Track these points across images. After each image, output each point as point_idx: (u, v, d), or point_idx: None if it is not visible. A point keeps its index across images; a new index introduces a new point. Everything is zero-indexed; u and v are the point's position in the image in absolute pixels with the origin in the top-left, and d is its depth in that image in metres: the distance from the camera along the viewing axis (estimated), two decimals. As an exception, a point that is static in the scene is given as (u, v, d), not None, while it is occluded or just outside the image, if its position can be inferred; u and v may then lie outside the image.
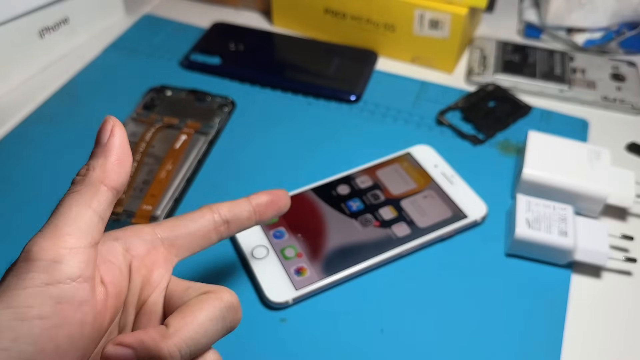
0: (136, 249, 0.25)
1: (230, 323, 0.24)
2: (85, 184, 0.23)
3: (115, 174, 0.23)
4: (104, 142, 0.24)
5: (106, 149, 0.24)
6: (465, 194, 0.41)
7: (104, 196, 0.23)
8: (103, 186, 0.23)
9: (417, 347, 0.33)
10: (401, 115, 0.48)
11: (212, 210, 0.27)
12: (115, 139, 0.24)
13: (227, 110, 0.48)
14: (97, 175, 0.23)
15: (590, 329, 0.35)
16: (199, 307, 0.23)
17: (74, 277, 0.21)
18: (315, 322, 0.34)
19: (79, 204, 0.22)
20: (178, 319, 0.22)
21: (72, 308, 0.21)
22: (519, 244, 0.37)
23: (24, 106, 0.49)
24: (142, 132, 0.45)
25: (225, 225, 0.27)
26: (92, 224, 0.22)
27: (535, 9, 0.58)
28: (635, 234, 0.39)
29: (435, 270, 0.37)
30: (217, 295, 0.24)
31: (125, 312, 0.24)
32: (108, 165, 0.23)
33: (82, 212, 0.22)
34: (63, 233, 0.21)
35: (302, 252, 0.37)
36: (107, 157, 0.23)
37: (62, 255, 0.21)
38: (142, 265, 0.25)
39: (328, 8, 0.54)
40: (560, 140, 0.42)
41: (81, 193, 0.23)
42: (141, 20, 0.58)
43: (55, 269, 0.21)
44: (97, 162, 0.23)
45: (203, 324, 0.23)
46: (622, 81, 0.51)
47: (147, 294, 0.25)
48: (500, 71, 0.51)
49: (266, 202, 0.29)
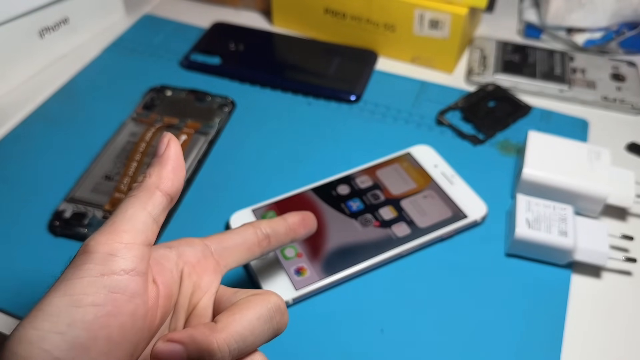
0: (188, 256, 0.26)
1: (277, 325, 0.25)
2: (141, 189, 0.25)
3: (170, 180, 0.25)
4: (161, 153, 0.26)
5: (162, 159, 0.25)
6: (465, 194, 0.41)
7: (158, 200, 0.25)
8: (158, 191, 0.25)
9: (417, 347, 0.33)
10: (401, 115, 0.48)
11: (254, 227, 0.29)
12: (171, 151, 0.26)
13: (227, 110, 0.48)
14: (153, 181, 0.25)
15: (590, 329, 0.35)
16: (246, 305, 0.24)
17: (127, 269, 0.22)
18: (315, 322, 0.34)
19: (134, 205, 0.24)
20: (227, 316, 0.23)
21: (124, 298, 0.22)
22: (519, 244, 0.37)
23: (24, 106, 0.49)
24: (142, 132, 0.45)
25: (266, 240, 0.29)
26: (147, 224, 0.24)
27: (535, 9, 0.58)
28: (635, 234, 0.39)
29: (435, 270, 0.37)
30: (265, 297, 0.25)
31: (176, 316, 0.25)
32: (163, 172, 0.25)
33: (137, 213, 0.24)
34: (119, 230, 0.23)
35: (302, 252, 0.37)
36: (163, 166, 0.25)
37: (117, 249, 0.22)
38: (193, 272, 0.26)
39: (328, 8, 0.54)
40: (560, 140, 0.42)
41: (137, 197, 0.24)
42: (141, 20, 0.58)
43: (110, 261, 0.22)
44: (154, 170, 0.25)
45: (251, 321, 0.23)
46: (622, 81, 0.51)
47: (197, 299, 0.26)
48: (500, 71, 0.51)
49: (299, 220, 0.31)
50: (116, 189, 0.40)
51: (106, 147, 0.44)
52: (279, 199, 0.40)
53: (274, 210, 0.39)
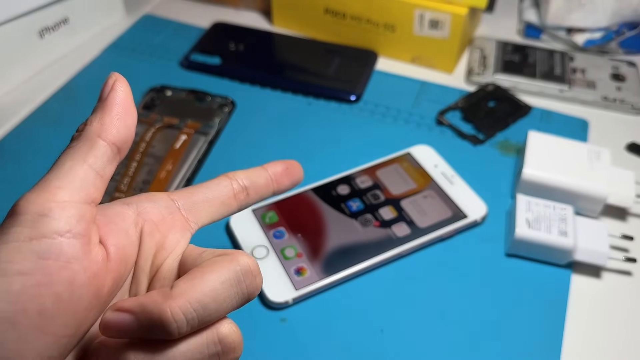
0: (149, 213, 0.23)
1: (246, 289, 0.22)
2: (81, 139, 0.22)
3: (115, 127, 0.22)
4: (105, 97, 0.22)
5: (106, 104, 0.22)
6: (465, 194, 0.41)
7: (101, 151, 0.21)
8: (100, 140, 0.22)
9: (417, 347, 0.33)
10: (401, 115, 0.48)
11: (230, 178, 0.26)
12: (117, 93, 0.22)
13: (227, 110, 0.48)
14: (94, 129, 0.22)
15: (590, 329, 0.35)
16: (210, 268, 0.21)
17: (61, 231, 0.19)
18: (315, 322, 0.34)
19: (72, 158, 0.21)
20: (185, 281, 0.21)
21: (57, 265, 0.19)
22: (519, 244, 0.37)
23: (24, 106, 0.49)
24: (142, 132, 0.45)
25: (244, 193, 0.26)
26: (87, 179, 0.21)
27: (535, 9, 0.58)
28: (635, 234, 0.39)
29: (435, 270, 0.37)
30: (233, 257, 0.22)
31: (137, 279, 0.23)
32: (106, 118, 0.22)
33: (75, 167, 0.21)
34: (52, 187, 0.20)
35: (302, 252, 0.37)
36: (106, 111, 0.22)
37: (49, 209, 0.20)
38: (156, 230, 0.23)
39: (328, 8, 0.54)
40: (560, 140, 0.42)
41: (76, 148, 0.21)
42: (141, 20, 0.58)
43: (40, 223, 0.19)
44: (95, 116, 0.22)
45: (214, 286, 0.21)
46: (622, 81, 0.51)
47: (161, 260, 0.23)
48: (500, 71, 0.51)
49: (282, 170, 0.28)
50: (116, 189, 0.40)
51: (106, 147, 0.44)
52: (279, 199, 0.40)
53: (274, 210, 0.39)
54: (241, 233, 0.38)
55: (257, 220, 0.39)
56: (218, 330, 0.21)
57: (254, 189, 0.27)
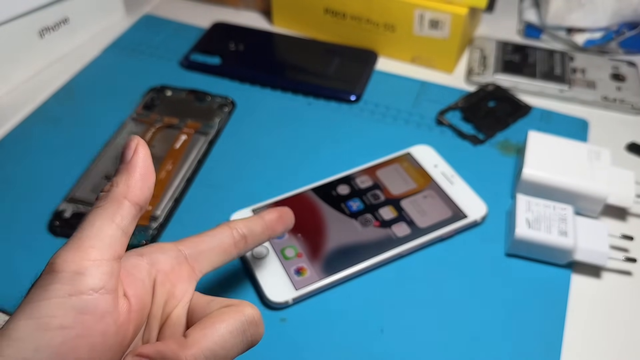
0: (160, 264, 0.25)
1: (251, 337, 0.24)
2: (108, 199, 0.23)
3: (139, 189, 0.24)
4: (128, 159, 0.24)
5: (130, 166, 0.24)
6: (465, 194, 0.41)
7: (127, 211, 0.23)
8: (126, 201, 0.23)
9: (417, 347, 0.33)
10: (401, 115, 0.48)
11: (230, 227, 0.28)
12: (139, 157, 0.24)
13: (227, 110, 0.48)
14: (121, 191, 0.24)
15: (590, 329, 0.35)
16: (219, 319, 0.23)
17: (96, 288, 0.21)
18: (315, 322, 0.34)
19: (102, 218, 0.23)
20: (197, 330, 0.23)
21: (94, 319, 0.21)
22: (519, 244, 0.37)
23: (24, 106, 0.49)
24: (142, 132, 0.45)
25: (243, 241, 0.29)
26: (115, 238, 0.23)
27: (535, 9, 0.58)
28: (635, 234, 0.39)
29: (435, 270, 0.37)
30: (239, 308, 0.24)
31: (149, 326, 0.25)
32: (131, 181, 0.24)
33: (105, 226, 0.23)
34: (86, 246, 0.22)
35: (302, 252, 0.37)
36: (131, 174, 0.24)
37: (85, 267, 0.21)
38: (167, 280, 0.25)
39: (328, 8, 0.54)
40: (560, 140, 0.42)
41: (104, 208, 0.23)
42: (141, 20, 0.58)
43: (78, 280, 0.21)
44: (121, 178, 0.24)
45: (223, 336, 0.23)
46: (622, 81, 0.51)
47: (171, 308, 0.25)
48: (500, 71, 0.51)
49: (276, 218, 0.31)
50: (116, 189, 0.40)
51: (106, 147, 0.44)
52: (279, 199, 0.40)
53: (274, 210, 0.39)
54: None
55: (257, 220, 0.39)
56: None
57: (252, 237, 0.29)
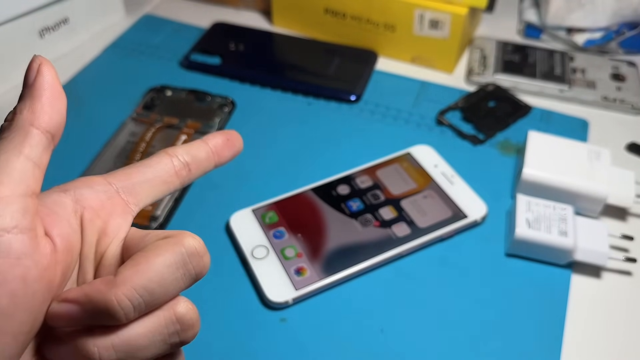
0: (87, 199, 0.23)
1: (194, 270, 0.22)
2: (12, 129, 0.21)
3: (47, 114, 0.21)
4: (31, 82, 0.21)
5: (34, 89, 0.21)
6: (465, 194, 0.41)
7: (36, 140, 0.21)
8: (34, 129, 0.21)
9: (417, 347, 0.33)
10: (401, 115, 0.48)
11: (170, 154, 0.26)
12: (44, 78, 0.21)
13: (227, 110, 0.48)
14: (26, 118, 0.21)
15: (590, 329, 0.35)
16: (154, 252, 0.21)
17: (8, 227, 0.19)
18: (315, 322, 0.34)
19: (7, 150, 0.20)
20: (129, 267, 0.20)
21: (9, 262, 0.19)
22: (519, 244, 0.37)
23: (24, 106, 0.49)
24: (142, 132, 0.45)
25: (186, 169, 0.26)
26: (26, 171, 0.20)
27: (535, 9, 0.58)
28: (635, 234, 0.39)
29: (435, 270, 0.37)
30: (177, 239, 0.21)
31: (83, 268, 0.23)
32: (37, 105, 0.21)
33: (11, 159, 0.20)
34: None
35: (302, 252, 0.37)
36: (35, 98, 0.21)
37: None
38: (96, 217, 0.23)
39: (328, 8, 0.54)
40: (560, 140, 0.42)
41: (9, 139, 0.20)
42: (141, 20, 0.58)
43: None
44: (25, 104, 0.21)
45: (158, 271, 0.20)
46: (622, 81, 0.51)
47: (105, 246, 0.23)
48: (500, 71, 0.51)
49: (222, 142, 0.27)
50: (116, 189, 0.40)
51: (106, 147, 0.44)
52: (279, 199, 0.40)
53: (274, 211, 0.39)
54: (241, 233, 0.38)
55: (257, 220, 0.39)
56: (175, 310, 0.21)
57: (195, 163, 0.26)
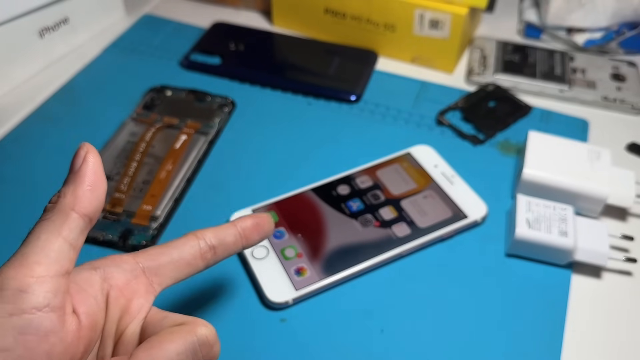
0: (115, 278, 0.24)
1: (203, 358, 0.23)
2: (55, 211, 0.22)
3: (87, 200, 0.23)
4: (77, 168, 0.23)
5: (78, 176, 0.23)
6: (465, 194, 0.41)
7: (75, 223, 0.22)
8: (74, 213, 0.22)
9: (417, 347, 0.33)
10: (401, 115, 0.48)
11: (197, 237, 0.26)
12: (88, 166, 0.23)
13: (227, 110, 0.48)
14: (68, 202, 0.22)
15: (590, 329, 0.35)
16: (168, 338, 0.22)
17: (40, 306, 0.20)
18: (315, 322, 0.34)
19: (48, 231, 0.22)
20: (143, 350, 0.22)
21: (37, 339, 0.20)
22: (519, 244, 0.37)
23: (24, 106, 0.49)
24: (142, 132, 0.45)
25: (211, 252, 0.27)
26: (62, 252, 0.22)
27: (535, 9, 0.58)
28: (635, 234, 0.39)
29: (436, 270, 0.37)
30: (191, 327, 0.23)
31: (103, 343, 0.24)
32: (79, 191, 0.23)
33: (51, 240, 0.21)
34: (30, 262, 0.21)
35: (302, 252, 0.37)
36: (79, 184, 0.23)
37: (28, 284, 0.20)
38: (121, 295, 0.24)
39: (328, 8, 0.54)
40: (560, 140, 0.42)
41: (51, 220, 0.22)
42: (141, 20, 0.58)
43: (20, 298, 0.20)
44: (69, 188, 0.23)
45: (169, 357, 0.22)
46: (622, 81, 0.51)
47: (125, 324, 0.24)
48: (500, 71, 0.51)
49: (251, 225, 0.28)
50: (116, 189, 0.40)
51: (106, 147, 0.44)
52: (279, 199, 0.40)
53: (274, 211, 0.39)
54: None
55: (257, 220, 0.39)
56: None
57: (222, 247, 0.27)
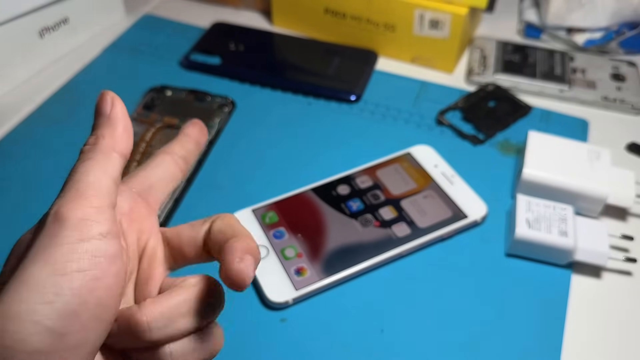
0: (120, 207, 0.26)
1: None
2: (97, 151, 0.24)
3: (124, 141, 0.25)
4: (107, 112, 0.25)
5: (112, 119, 0.25)
6: (465, 194, 0.41)
7: (117, 162, 0.24)
8: (115, 153, 0.24)
9: (417, 347, 0.33)
10: (401, 115, 0.48)
11: (169, 153, 0.29)
12: (118, 110, 0.25)
13: (227, 110, 0.48)
14: (108, 143, 0.24)
15: (590, 329, 0.35)
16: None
17: (104, 232, 0.22)
18: (315, 322, 0.34)
19: (95, 169, 0.23)
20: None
21: (107, 261, 0.22)
22: (519, 244, 0.37)
23: (24, 106, 0.49)
24: (142, 132, 0.45)
25: (185, 163, 0.29)
26: (110, 187, 0.23)
27: (535, 9, 0.58)
28: (635, 234, 0.39)
29: (435, 270, 0.37)
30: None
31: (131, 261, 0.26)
32: (117, 133, 0.24)
33: (99, 177, 0.23)
34: (87, 195, 0.22)
35: (302, 252, 0.37)
36: (115, 126, 0.24)
37: (90, 214, 0.22)
38: (131, 220, 0.26)
39: (328, 8, 0.54)
40: (560, 140, 0.42)
41: (95, 160, 0.24)
42: (141, 20, 0.58)
43: (86, 226, 0.22)
44: (106, 130, 0.24)
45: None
46: (622, 81, 0.51)
47: (144, 242, 0.26)
48: (500, 71, 0.51)
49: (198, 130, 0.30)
50: (116, 189, 0.40)
51: (106, 147, 0.44)
52: (279, 199, 0.40)
53: (274, 210, 0.39)
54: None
55: (257, 220, 0.39)
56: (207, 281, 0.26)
57: (190, 156, 0.29)
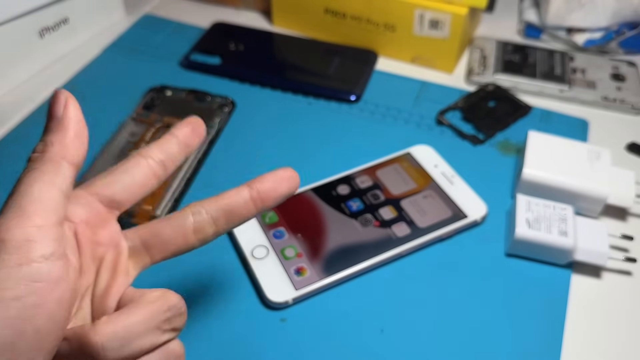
0: (76, 215, 0.24)
1: None
2: (44, 160, 0.22)
3: (75, 149, 0.22)
4: (59, 115, 0.22)
5: (63, 123, 0.22)
6: (465, 194, 0.41)
7: (67, 172, 0.22)
8: (64, 162, 0.22)
9: (417, 347, 0.33)
10: (401, 115, 0.48)
11: (144, 156, 0.26)
12: (71, 112, 0.22)
13: (227, 110, 0.48)
14: (57, 151, 0.22)
15: (590, 329, 0.35)
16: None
17: (46, 254, 0.20)
18: (315, 322, 0.34)
19: (41, 181, 0.21)
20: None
21: (49, 286, 0.20)
22: (519, 244, 0.37)
23: (24, 106, 0.49)
24: (142, 132, 0.45)
25: (162, 168, 0.26)
26: (57, 201, 0.21)
27: (535, 9, 0.58)
28: (635, 234, 0.39)
29: (435, 270, 0.37)
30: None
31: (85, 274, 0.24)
32: (67, 140, 0.22)
33: (44, 190, 0.21)
34: (29, 212, 0.20)
35: (302, 252, 0.37)
36: (65, 132, 0.22)
37: (31, 234, 0.20)
38: (87, 229, 0.24)
39: (328, 8, 0.54)
40: (560, 140, 0.42)
41: (41, 170, 0.21)
42: (141, 20, 0.58)
43: (27, 248, 0.20)
44: (55, 137, 0.22)
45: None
46: (622, 81, 0.51)
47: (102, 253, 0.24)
48: (500, 71, 0.51)
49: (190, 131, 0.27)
50: (116, 189, 0.40)
51: (106, 147, 0.44)
52: (279, 199, 0.40)
53: (274, 210, 0.39)
54: (241, 233, 0.38)
55: (257, 220, 0.39)
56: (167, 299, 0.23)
57: (170, 160, 0.26)
